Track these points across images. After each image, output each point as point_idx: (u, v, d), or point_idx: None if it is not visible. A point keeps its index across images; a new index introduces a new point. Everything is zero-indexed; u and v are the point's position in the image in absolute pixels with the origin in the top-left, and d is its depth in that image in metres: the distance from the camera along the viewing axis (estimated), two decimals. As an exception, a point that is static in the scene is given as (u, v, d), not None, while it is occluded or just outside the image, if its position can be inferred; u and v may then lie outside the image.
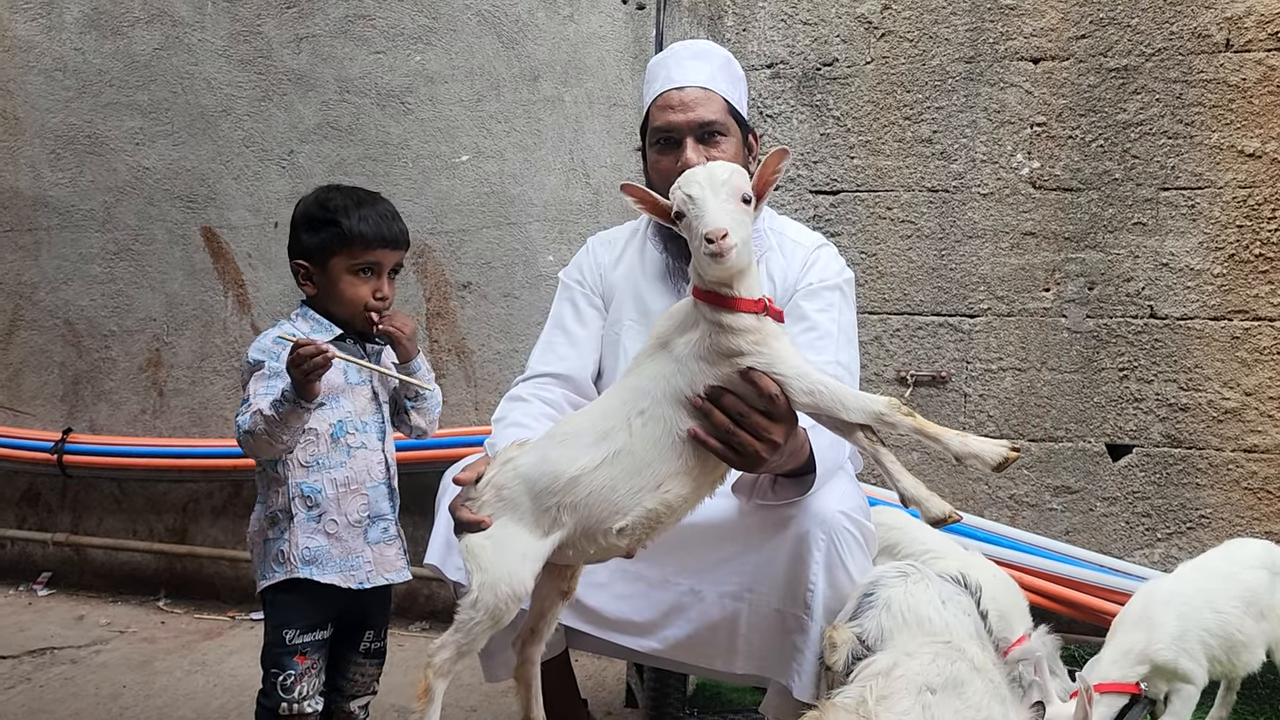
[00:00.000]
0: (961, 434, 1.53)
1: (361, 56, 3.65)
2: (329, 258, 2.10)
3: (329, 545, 2.08)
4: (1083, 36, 3.11)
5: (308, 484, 2.09)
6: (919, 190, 3.24)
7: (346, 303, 2.11)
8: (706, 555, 2.01)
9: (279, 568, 2.07)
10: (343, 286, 2.10)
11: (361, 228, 2.08)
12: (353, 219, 2.08)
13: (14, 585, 3.99)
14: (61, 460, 3.82)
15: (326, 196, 2.14)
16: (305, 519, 2.08)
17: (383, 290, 2.12)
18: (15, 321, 4.03)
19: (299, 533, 2.07)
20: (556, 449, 1.65)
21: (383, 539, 2.15)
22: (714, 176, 1.56)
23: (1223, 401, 3.05)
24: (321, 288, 2.13)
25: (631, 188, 1.65)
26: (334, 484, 2.10)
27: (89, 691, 2.98)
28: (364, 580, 2.11)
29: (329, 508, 2.09)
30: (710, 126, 2.15)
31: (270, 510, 2.11)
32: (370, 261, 2.10)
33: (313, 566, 2.07)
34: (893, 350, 3.28)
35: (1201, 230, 3.05)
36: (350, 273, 2.10)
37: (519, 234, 3.55)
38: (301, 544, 2.07)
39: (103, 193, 3.90)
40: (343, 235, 2.08)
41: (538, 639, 1.82)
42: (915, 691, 1.54)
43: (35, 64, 3.94)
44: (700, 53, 2.24)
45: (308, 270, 2.13)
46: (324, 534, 2.08)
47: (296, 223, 2.16)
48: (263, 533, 2.12)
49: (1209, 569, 2.44)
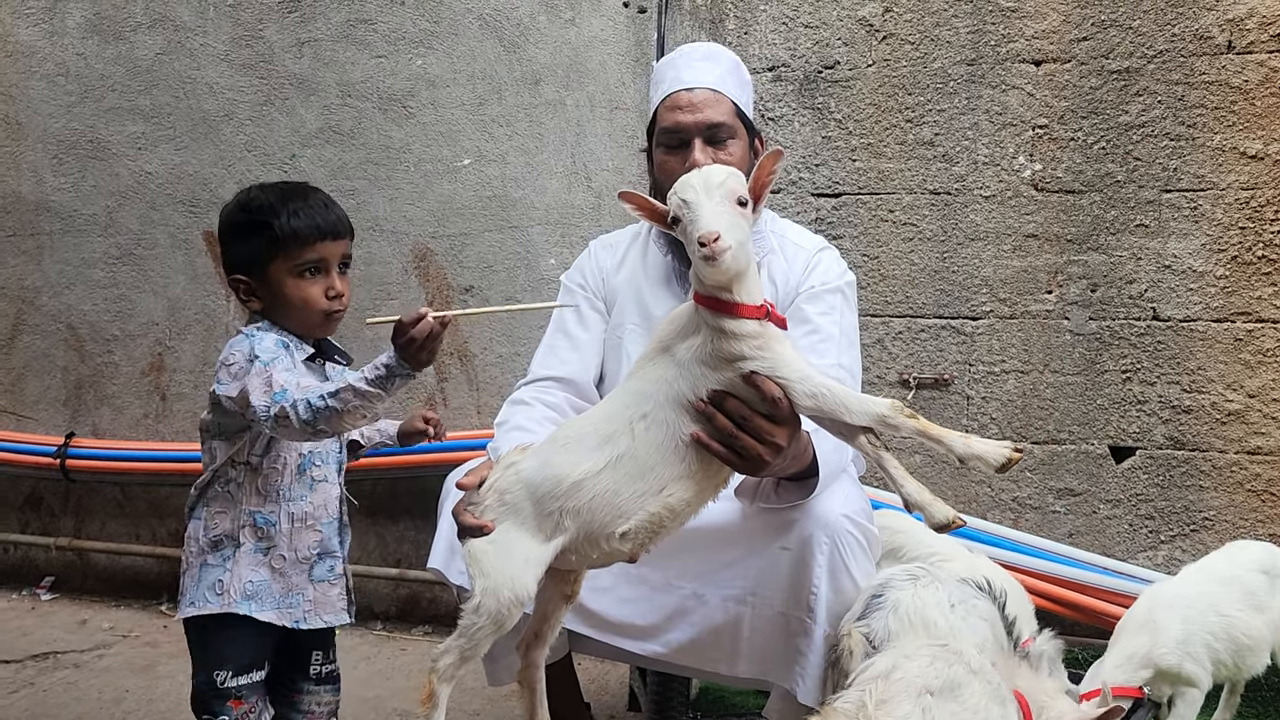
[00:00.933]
0: (964, 435, 1.53)
1: (363, 61, 3.65)
2: (267, 265, 1.87)
3: (270, 580, 1.89)
4: (1084, 39, 3.11)
5: (263, 515, 1.89)
6: (921, 193, 3.24)
7: (298, 310, 1.89)
8: (709, 559, 2.01)
9: (214, 598, 1.86)
10: (290, 293, 1.88)
11: (294, 224, 1.85)
12: (283, 217, 1.85)
13: (17, 590, 3.99)
14: (64, 464, 3.82)
15: (248, 199, 1.91)
16: (252, 549, 1.88)
17: (335, 287, 1.90)
18: (18, 326, 4.03)
19: (243, 564, 1.86)
20: (559, 453, 1.65)
21: (327, 578, 1.96)
22: (709, 180, 1.56)
23: (1226, 404, 3.05)
24: (267, 300, 1.90)
25: (629, 195, 1.63)
26: (290, 518, 1.91)
27: (92, 696, 2.98)
28: (299, 619, 1.91)
29: (280, 542, 1.89)
30: (719, 128, 2.15)
31: (214, 533, 1.89)
32: (313, 260, 1.87)
33: (252, 602, 1.86)
34: (895, 353, 3.28)
35: (1204, 232, 3.05)
36: (294, 276, 1.87)
37: (521, 237, 3.55)
38: (245, 577, 1.86)
39: (105, 197, 3.90)
40: (276, 237, 1.85)
41: (541, 643, 1.82)
42: (915, 695, 1.54)
43: (37, 69, 3.95)
44: (710, 55, 2.25)
45: (248, 285, 1.90)
46: (269, 568, 1.89)
47: (224, 235, 1.94)
48: (201, 554, 1.89)
49: (1212, 572, 2.44)
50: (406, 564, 3.66)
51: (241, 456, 1.89)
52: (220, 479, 1.90)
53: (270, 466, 1.89)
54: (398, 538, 3.69)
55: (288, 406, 1.73)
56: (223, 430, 1.91)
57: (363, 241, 3.66)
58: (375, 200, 3.65)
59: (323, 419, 1.73)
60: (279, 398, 1.74)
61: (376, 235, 3.65)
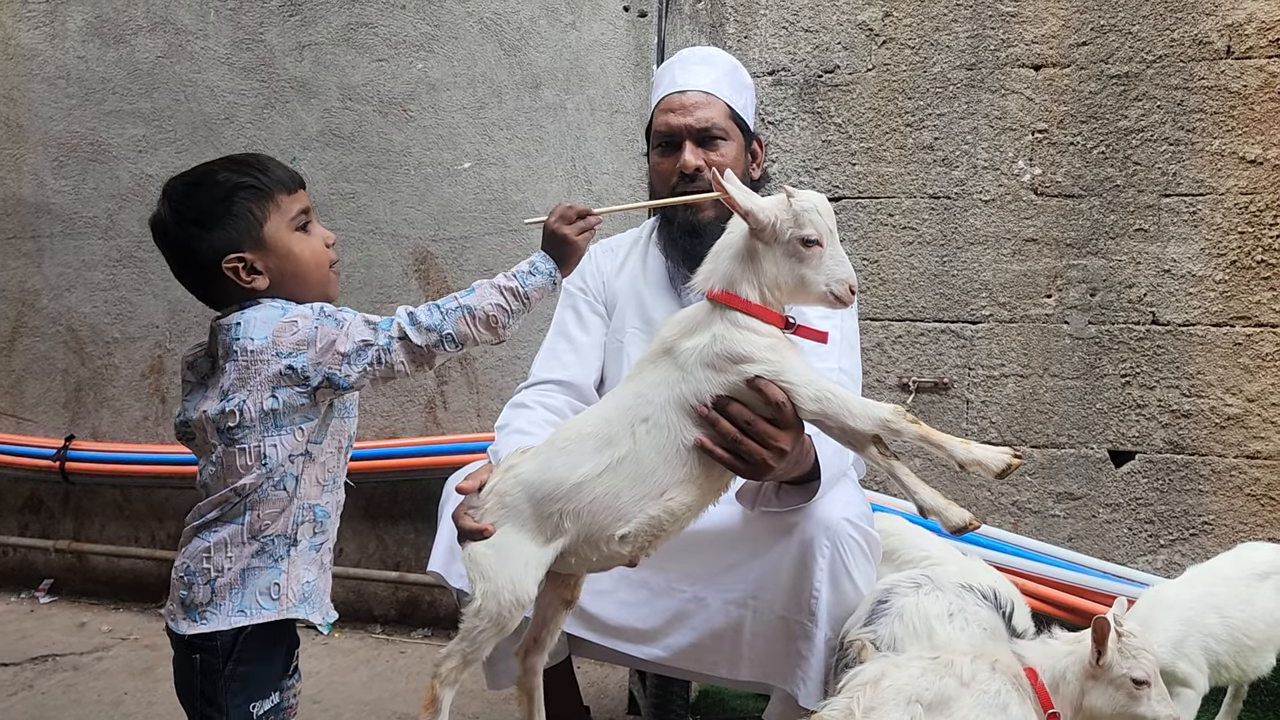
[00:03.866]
0: (964, 441, 1.53)
1: (364, 64, 3.65)
2: (261, 230, 1.65)
3: (318, 578, 1.72)
4: (1084, 43, 3.12)
5: (320, 506, 1.71)
6: (921, 197, 3.25)
7: (313, 267, 1.69)
8: (711, 562, 2.01)
9: (269, 604, 1.65)
10: (298, 249, 1.68)
11: (277, 174, 1.68)
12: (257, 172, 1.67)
13: (16, 592, 3.99)
14: (64, 467, 3.82)
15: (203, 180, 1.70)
16: (308, 546, 1.70)
17: (328, 235, 1.74)
18: (18, 328, 4.03)
19: (299, 563, 1.68)
20: (559, 456, 1.65)
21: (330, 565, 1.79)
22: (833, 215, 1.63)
23: (1225, 408, 3.05)
24: (274, 270, 1.67)
25: (721, 181, 1.58)
26: (336, 506, 1.75)
27: (91, 699, 2.98)
28: (327, 614, 1.74)
29: (331, 533, 1.74)
30: (710, 130, 2.16)
31: (264, 535, 1.66)
32: (304, 208, 1.70)
33: (306, 604, 1.68)
34: (895, 357, 3.28)
35: (1203, 237, 3.05)
36: (295, 230, 1.68)
37: (521, 241, 3.55)
38: (301, 578, 1.68)
39: (106, 200, 3.90)
40: (265, 194, 1.66)
41: (540, 648, 1.81)
42: (904, 703, 1.54)
43: (39, 72, 3.95)
44: (706, 59, 2.26)
45: (247, 261, 1.66)
46: (318, 565, 1.72)
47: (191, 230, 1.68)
48: (240, 560, 1.65)
49: (1217, 573, 2.44)
50: (406, 567, 3.66)
51: (300, 447, 1.66)
52: (271, 478, 1.65)
53: (331, 448, 1.71)
54: (398, 541, 3.69)
55: (407, 326, 1.58)
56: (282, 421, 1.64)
57: (363, 244, 3.67)
58: (376, 203, 3.66)
59: (452, 324, 1.58)
60: (386, 325, 1.58)
61: (377, 238, 3.65)
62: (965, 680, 1.58)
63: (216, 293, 1.71)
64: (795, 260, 1.59)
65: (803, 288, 1.61)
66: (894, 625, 1.76)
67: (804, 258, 1.59)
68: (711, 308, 1.63)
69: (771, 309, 1.61)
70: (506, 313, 1.63)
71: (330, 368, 1.61)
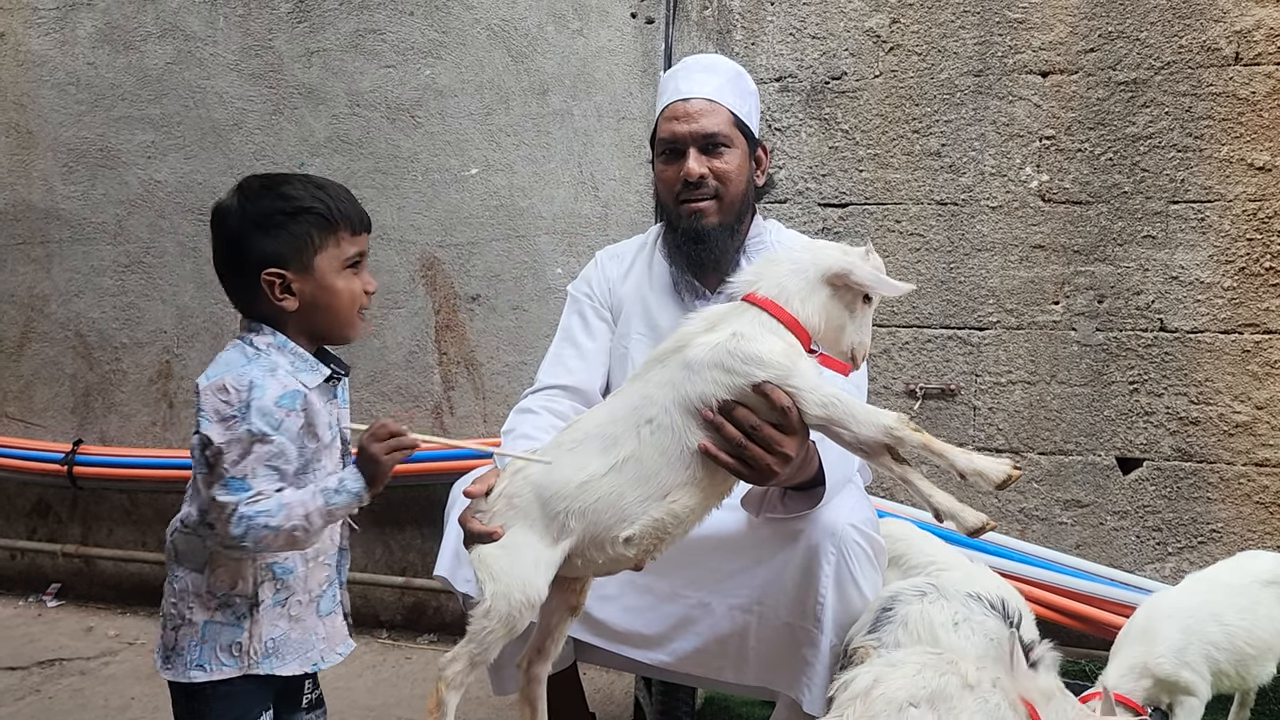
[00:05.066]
0: (966, 451, 1.54)
1: (372, 70, 3.67)
2: (314, 256, 1.68)
3: (289, 629, 1.71)
4: (1091, 50, 3.12)
5: (280, 564, 1.70)
6: (928, 203, 3.25)
7: (344, 307, 1.72)
8: (716, 568, 2.01)
9: (230, 661, 1.67)
10: (338, 286, 1.70)
11: (347, 210, 1.71)
12: (332, 202, 1.70)
13: (23, 596, 4.00)
14: (71, 472, 3.83)
15: (280, 186, 1.71)
16: (272, 604, 1.69)
17: (371, 284, 1.77)
18: (27, 334, 4.05)
19: (263, 622, 1.68)
20: (566, 456, 1.65)
21: (334, 609, 1.81)
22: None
23: (1234, 415, 3.04)
24: (307, 297, 1.69)
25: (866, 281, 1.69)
26: (304, 559, 1.73)
27: (98, 703, 2.98)
28: (318, 661, 1.76)
29: (297, 587, 1.72)
30: (713, 138, 2.16)
31: (224, 594, 1.67)
32: (360, 252, 1.74)
33: (274, 659, 1.69)
34: (901, 363, 3.27)
35: (1211, 243, 3.05)
36: (343, 267, 1.71)
37: (528, 247, 3.56)
38: (265, 635, 1.68)
39: (114, 206, 3.92)
40: (330, 225, 1.68)
41: (544, 658, 1.80)
42: (897, 710, 1.50)
43: (48, 78, 3.97)
44: (710, 66, 2.26)
45: (285, 280, 1.67)
46: (287, 618, 1.71)
47: (247, 229, 1.68)
48: (206, 611, 1.68)
49: (1216, 581, 2.43)
50: (412, 572, 3.66)
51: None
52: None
53: None
54: (404, 546, 3.69)
55: (243, 507, 1.57)
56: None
57: (370, 250, 3.67)
58: (383, 209, 3.66)
59: (263, 534, 1.58)
60: (234, 488, 1.58)
61: (384, 244, 3.66)
62: (971, 683, 1.56)
63: (246, 296, 1.72)
64: (847, 311, 1.67)
65: (835, 336, 1.68)
66: (898, 633, 1.74)
67: (855, 312, 1.68)
68: (743, 308, 1.64)
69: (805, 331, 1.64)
70: (308, 531, 1.61)
71: (212, 462, 1.62)
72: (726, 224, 2.19)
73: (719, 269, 2.18)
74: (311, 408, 1.68)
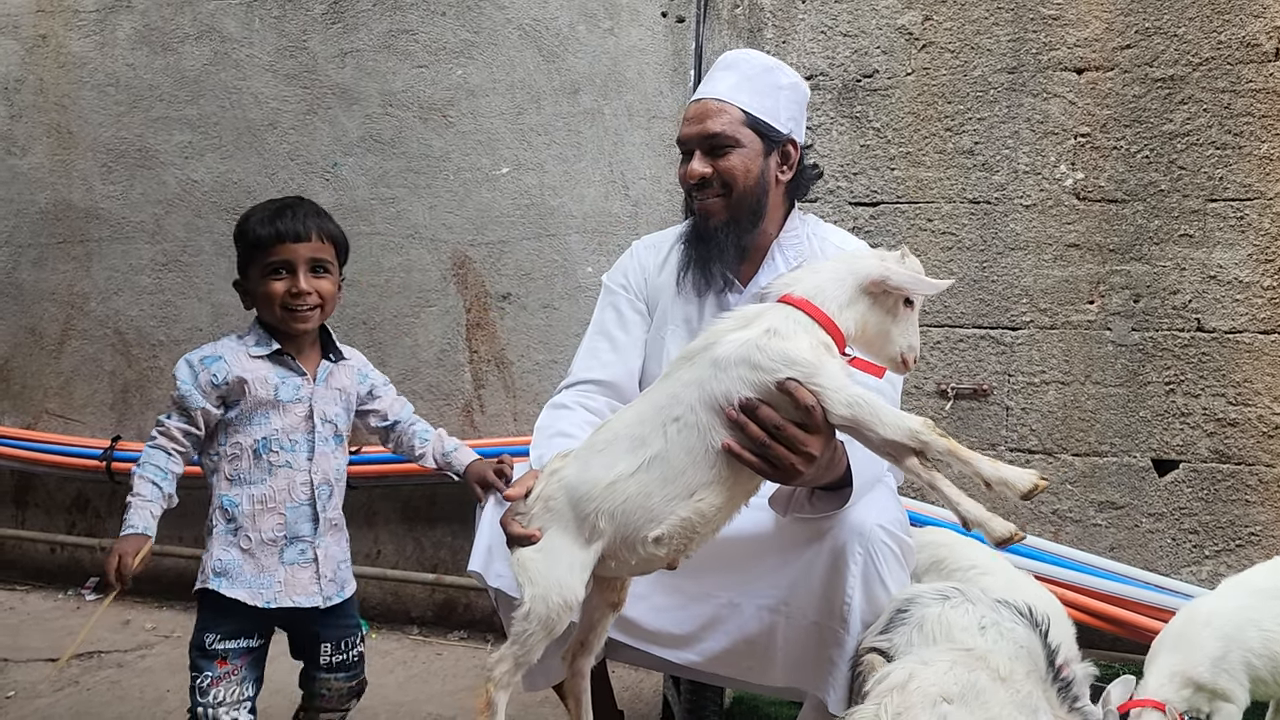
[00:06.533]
0: (992, 460, 1.52)
1: (404, 70, 3.69)
2: (248, 269, 2.13)
3: (242, 560, 2.11)
4: (1128, 46, 3.08)
5: (229, 497, 2.13)
6: (960, 202, 3.22)
7: (265, 306, 2.12)
8: (744, 568, 2.00)
9: (200, 576, 2.14)
10: (260, 291, 2.11)
11: (260, 230, 2.08)
12: (252, 225, 2.10)
13: (63, 590, 4.07)
14: (110, 467, 3.88)
15: (243, 217, 2.16)
16: (223, 531, 2.12)
17: (297, 285, 2.09)
18: (67, 331, 4.12)
19: (216, 544, 2.12)
20: (596, 456, 1.66)
21: (298, 560, 2.14)
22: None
23: (1273, 416, 2.99)
24: (253, 300, 2.15)
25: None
26: (251, 500, 2.12)
27: (134, 695, 3.03)
28: (271, 600, 2.10)
29: (245, 523, 2.11)
30: (716, 139, 2.13)
31: (207, 522, 2.16)
32: (278, 261, 2.09)
33: (223, 579, 2.10)
34: (933, 363, 3.25)
35: (1250, 242, 3.00)
36: (265, 275, 2.10)
37: (558, 245, 3.57)
38: (216, 555, 2.11)
39: (152, 205, 3.98)
40: (249, 244, 2.10)
41: (588, 651, 1.83)
42: (931, 704, 1.49)
43: (89, 79, 4.04)
44: (732, 63, 2.22)
45: (245, 290, 2.17)
46: (238, 548, 2.11)
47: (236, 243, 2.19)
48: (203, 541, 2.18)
49: (1253, 587, 2.39)
50: (443, 569, 3.68)
51: (213, 447, 2.15)
52: (206, 470, 2.19)
53: (232, 453, 2.13)
54: (435, 543, 3.72)
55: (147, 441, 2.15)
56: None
57: (402, 248, 3.71)
58: (415, 208, 3.69)
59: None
60: (157, 425, 2.15)
61: (416, 242, 3.69)
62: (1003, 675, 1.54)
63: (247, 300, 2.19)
64: (889, 316, 1.66)
65: (882, 341, 1.68)
66: (911, 634, 1.72)
67: (898, 316, 1.66)
68: (779, 306, 1.64)
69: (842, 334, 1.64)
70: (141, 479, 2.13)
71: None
72: (733, 222, 2.17)
73: (725, 265, 2.18)
74: (243, 370, 2.09)
